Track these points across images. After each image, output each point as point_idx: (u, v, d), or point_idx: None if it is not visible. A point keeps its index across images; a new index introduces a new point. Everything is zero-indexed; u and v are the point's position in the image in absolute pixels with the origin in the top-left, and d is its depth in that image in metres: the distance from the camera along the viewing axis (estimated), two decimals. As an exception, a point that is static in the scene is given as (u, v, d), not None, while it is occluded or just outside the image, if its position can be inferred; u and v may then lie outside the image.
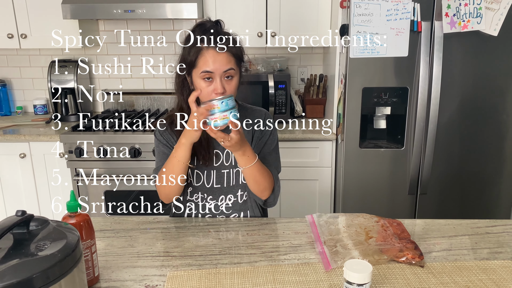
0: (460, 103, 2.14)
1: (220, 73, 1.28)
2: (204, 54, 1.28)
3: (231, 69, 1.30)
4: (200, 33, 1.30)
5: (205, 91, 1.30)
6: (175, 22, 2.90)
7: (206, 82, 1.29)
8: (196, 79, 1.31)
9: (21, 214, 0.83)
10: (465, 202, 2.28)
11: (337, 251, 1.15)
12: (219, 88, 1.28)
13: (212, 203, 1.47)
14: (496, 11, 2.00)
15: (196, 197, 1.47)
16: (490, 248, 1.22)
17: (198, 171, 1.45)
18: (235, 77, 1.32)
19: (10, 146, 2.48)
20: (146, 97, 2.97)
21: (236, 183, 1.46)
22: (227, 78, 1.30)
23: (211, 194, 1.46)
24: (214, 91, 1.28)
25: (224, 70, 1.28)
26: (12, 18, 2.58)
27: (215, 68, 1.27)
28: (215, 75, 1.28)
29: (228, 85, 1.30)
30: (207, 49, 1.28)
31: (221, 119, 1.20)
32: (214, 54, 1.27)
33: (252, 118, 1.46)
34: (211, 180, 1.45)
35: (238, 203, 1.48)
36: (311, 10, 2.54)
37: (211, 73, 1.28)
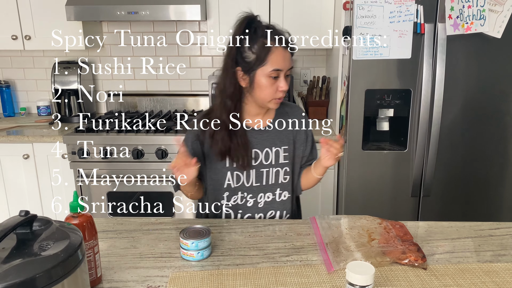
0: (463, 105, 2.14)
1: (285, 71, 1.33)
2: (274, 52, 1.30)
3: (291, 68, 1.37)
4: (262, 30, 1.32)
5: (270, 89, 1.33)
6: (178, 23, 2.91)
7: (271, 80, 1.32)
8: (261, 77, 1.32)
9: (25, 214, 0.84)
10: (468, 205, 2.27)
11: (340, 253, 1.15)
12: (285, 85, 1.33)
13: (251, 201, 1.47)
14: (500, 13, 2.00)
15: (235, 198, 1.47)
16: (493, 250, 1.21)
17: (237, 172, 1.44)
18: (289, 76, 1.38)
19: (13, 147, 2.49)
20: (149, 98, 2.98)
21: (276, 182, 1.47)
22: (286, 76, 1.35)
23: (250, 192, 1.46)
24: (280, 88, 1.33)
25: (288, 68, 1.34)
26: (16, 20, 2.59)
27: (284, 66, 1.32)
28: (281, 73, 1.33)
29: (288, 83, 1.36)
30: (277, 47, 1.31)
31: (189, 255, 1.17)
32: (283, 53, 1.32)
33: (292, 115, 1.49)
34: (250, 179, 1.45)
35: (275, 201, 1.49)
36: (314, 12, 2.54)
37: (279, 71, 1.32)
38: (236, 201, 1.47)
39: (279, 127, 1.47)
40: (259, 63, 1.30)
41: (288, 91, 2.57)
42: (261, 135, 1.44)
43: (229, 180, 1.45)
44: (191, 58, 2.98)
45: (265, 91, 1.33)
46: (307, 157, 1.53)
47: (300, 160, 1.52)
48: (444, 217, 2.26)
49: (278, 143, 1.45)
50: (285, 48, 1.32)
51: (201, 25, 2.91)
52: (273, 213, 1.49)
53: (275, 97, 1.34)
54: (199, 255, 1.16)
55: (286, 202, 1.50)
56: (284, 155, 1.46)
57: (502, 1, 1.98)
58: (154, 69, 3.00)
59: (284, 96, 1.37)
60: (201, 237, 1.16)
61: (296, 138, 1.49)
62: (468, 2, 1.99)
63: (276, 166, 1.46)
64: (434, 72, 2.08)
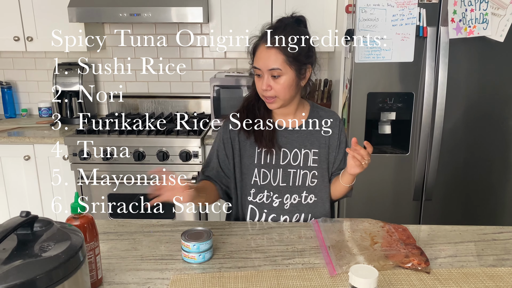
0: (465, 109, 2.13)
1: (265, 70, 1.31)
2: (257, 49, 1.32)
3: (277, 69, 1.29)
4: (266, 27, 1.34)
5: (257, 86, 1.35)
6: (180, 25, 2.91)
7: (257, 78, 1.34)
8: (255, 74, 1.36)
9: (26, 215, 0.83)
10: (470, 209, 2.26)
11: (342, 256, 1.14)
12: (263, 85, 1.31)
13: (277, 201, 1.45)
14: (503, 17, 1.99)
15: (261, 196, 1.45)
16: (497, 255, 1.20)
17: (264, 170, 1.43)
18: (283, 77, 1.31)
19: (14, 148, 2.49)
20: (150, 100, 2.98)
21: (303, 184, 1.45)
22: (274, 77, 1.31)
23: (277, 192, 1.44)
24: (261, 87, 1.32)
25: (269, 69, 1.29)
26: (18, 21, 2.60)
27: (262, 65, 1.31)
28: (262, 72, 1.32)
29: (275, 84, 1.31)
30: (260, 44, 1.31)
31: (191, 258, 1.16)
32: (262, 51, 1.30)
33: (328, 118, 1.48)
34: (277, 179, 1.44)
35: (301, 204, 1.46)
36: (316, 15, 2.54)
37: (258, 70, 1.32)
38: (262, 200, 1.45)
39: (311, 129, 1.45)
40: (252, 60, 1.36)
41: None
42: (291, 135, 1.44)
43: (256, 177, 1.43)
44: (193, 60, 2.97)
45: (256, 87, 1.36)
46: (338, 165, 1.49)
47: (330, 165, 1.48)
48: (446, 221, 2.25)
49: (308, 145, 1.44)
50: (268, 47, 1.28)
51: (203, 27, 2.91)
52: (298, 216, 1.46)
53: (262, 95, 1.35)
54: (201, 258, 1.15)
55: (312, 206, 1.46)
56: (313, 158, 1.44)
57: (505, 5, 1.98)
58: (156, 71, 2.99)
59: (273, 96, 1.32)
60: (202, 240, 1.15)
61: (329, 143, 1.46)
62: (471, 6, 1.99)
63: (304, 169, 1.44)
64: (436, 75, 2.07)
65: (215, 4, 2.54)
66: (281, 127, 1.44)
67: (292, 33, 1.31)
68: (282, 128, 1.44)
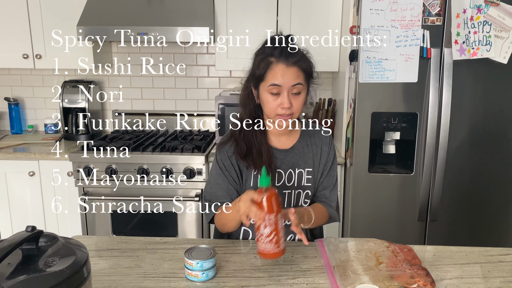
0: (470, 130, 2.14)
1: (288, 87, 1.27)
2: (273, 68, 1.27)
3: (299, 84, 1.28)
4: (270, 46, 1.30)
5: (271, 105, 1.30)
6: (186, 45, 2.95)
7: (273, 96, 1.29)
8: (263, 93, 1.31)
9: (31, 230, 0.83)
10: (475, 230, 2.24)
11: (347, 276, 1.13)
12: (286, 102, 1.27)
13: None
14: (506, 39, 2.01)
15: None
16: (503, 277, 1.19)
17: None
18: (302, 93, 1.31)
19: (20, 164, 2.50)
20: (156, 118, 3.00)
21: (296, 204, 1.43)
22: (294, 94, 1.29)
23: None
24: (281, 105, 1.28)
25: (292, 85, 1.27)
26: (28, 39, 2.64)
27: (283, 82, 1.27)
28: (282, 89, 1.28)
29: (295, 101, 1.30)
30: (277, 62, 1.27)
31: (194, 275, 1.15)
32: (283, 68, 1.27)
33: (316, 137, 1.46)
34: None
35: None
36: (321, 36, 2.57)
37: (279, 87, 1.27)
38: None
39: (303, 148, 1.43)
40: (260, 79, 1.30)
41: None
42: (285, 156, 1.42)
43: None
44: (199, 79, 3.01)
45: (267, 106, 1.31)
46: (321, 183, 1.46)
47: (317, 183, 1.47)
48: (451, 242, 2.20)
49: (302, 165, 1.42)
50: (288, 64, 1.27)
51: (209, 47, 2.95)
52: (292, 236, 1.45)
53: (277, 113, 1.30)
54: (204, 276, 1.14)
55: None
56: (307, 178, 1.43)
57: (508, 27, 2.00)
58: (162, 89, 3.02)
59: (290, 114, 1.31)
60: (206, 258, 1.14)
61: (320, 160, 1.45)
62: (474, 28, 2.01)
63: (298, 188, 1.42)
64: (440, 96, 2.08)
65: (221, 24, 2.58)
66: (276, 148, 1.42)
67: (302, 50, 1.33)
68: (276, 148, 1.42)
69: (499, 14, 1.99)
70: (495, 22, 2.00)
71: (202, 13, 2.51)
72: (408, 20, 2.02)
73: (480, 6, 1.99)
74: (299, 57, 1.29)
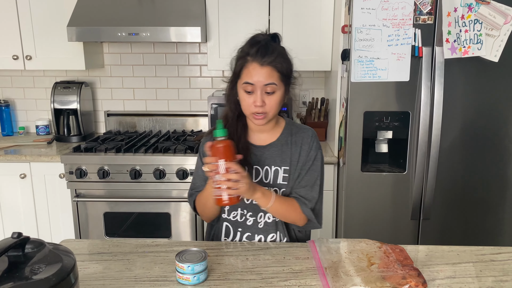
0: (462, 128, 2.14)
1: (261, 86, 1.30)
2: (248, 66, 1.30)
3: (273, 84, 1.30)
4: (249, 45, 1.33)
5: (245, 102, 1.33)
6: (178, 45, 2.94)
7: (247, 94, 1.32)
8: (239, 90, 1.35)
9: (17, 236, 0.82)
10: (468, 228, 2.25)
11: (339, 278, 1.13)
12: (258, 101, 1.30)
13: (251, 219, 1.44)
14: (497, 38, 2.02)
15: (235, 214, 1.45)
16: (495, 276, 1.19)
17: None
18: (277, 93, 1.32)
19: (10, 167, 2.47)
20: (148, 118, 2.98)
21: None
22: (268, 93, 1.31)
23: (250, 210, 1.43)
24: (254, 103, 1.31)
25: (265, 84, 1.29)
26: (18, 40, 2.62)
27: (256, 80, 1.29)
28: (255, 88, 1.30)
29: (268, 100, 1.31)
30: (252, 61, 1.30)
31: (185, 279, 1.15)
32: (256, 67, 1.29)
33: (297, 135, 1.44)
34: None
35: (276, 223, 1.44)
36: (313, 35, 2.57)
37: (252, 85, 1.30)
38: (236, 217, 1.45)
39: (282, 146, 1.43)
40: (237, 76, 1.34)
41: (287, 113, 2.60)
42: (262, 153, 1.42)
43: None
44: (191, 79, 2.99)
45: (242, 104, 1.34)
46: (299, 182, 1.43)
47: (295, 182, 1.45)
48: (444, 240, 2.23)
49: (279, 162, 1.41)
50: (262, 63, 1.28)
51: (201, 47, 2.94)
52: (274, 236, 1.45)
53: (251, 111, 1.32)
54: (195, 279, 1.13)
55: (286, 225, 1.46)
56: (283, 176, 1.42)
57: (499, 26, 2.01)
58: (154, 89, 3.01)
59: (264, 112, 1.31)
60: (197, 261, 1.14)
61: (299, 159, 1.42)
62: (465, 27, 2.01)
63: (274, 186, 1.42)
64: (432, 94, 2.09)
65: (213, 24, 2.57)
66: (254, 144, 1.43)
67: (281, 51, 1.34)
68: (254, 144, 1.43)
69: (490, 12, 1.99)
70: (486, 21, 2.00)
71: (194, 13, 2.50)
72: (399, 19, 2.02)
73: (471, 4, 1.99)
74: (274, 57, 1.29)
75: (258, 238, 1.45)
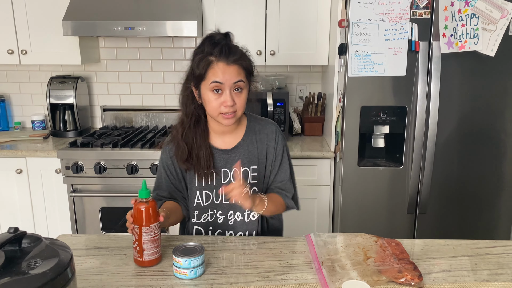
0: (458, 123, 2.15)
1: (229, 84, 1.28)
2: (214, 66, 1.28)
3: (241, 81, 1.30)
4: (209, 45, 1.30)
5: (213, 104, 1.30)
6: (175, 39, 2.92)
7: (215, 94, 1.29)
8: (205, 92, 1.31)
9: (13, 231, 0.82)
10: (464, 222, 2.26)
11: (335, 272, 1.13)
12: (228, 100, 1.28)
13: (221, 217, 1.46)
14: (493, 32, 2.02)
15: (205, 216, 1.46)
16: (490, 269, 1.20)
17: (206, 191, 1.43)
18: (244, 90, 1.33)
19: (6, 162, 2.46)
20: (145, 113, 2.97)
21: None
22: (237, 90, 1.30)
23: (220, 209, 1.45)
24: (223, 104, 1.29)
25: (234, 82, 1.28)
26: (13, 34, 2.60)
27: (224, 79, 1.27)
28: (224, 87, 1.28)
29: (237, 98, 1.31)
30: (217, 61, 1.28)
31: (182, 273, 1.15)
32: (223, 66, 1.27)
33: (261, 133, 1.45)
34: (219, 197, 1.44)
35: (245, 222, 1.46)
36: (310, 29, 2.57)
37: (220, 84, 1.28)
38: (207, 219, 1.46)
39: (248, 146, 1.43)
40: (201, 78, 1.30)
41: (284, 108, 2.60)
42: (229, 156, 1.42)
43: (198, 199, 1.44)
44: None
45: (209, 105, 1.31)
46: (274, 177, 1.47)
47: (268, 179, 1.47)
48: (440, 234, 2.24)
49: (247, 163, 1.42)
50: (228, 62, 1.27)
51: (198, 41, 2.93)
52: (241, 234, 1.47)
53: (220, 111, 1.30)
54: (192, 273, 1.14)
55: (255, 223, 1.47)
56: (252, 175, 1.43)
57: (495, 20, 2.01)
58: (150, 84, 3.00)
59: (234, 111, 1.31)
60: (194, 255, 1.14)
61: (266, 157, 1.45)
62: (462, 21, 2.01)
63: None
64: (429, 89, 2.09)
65: (210, 18, 2.56)
66: (219, 149, 1.42)
67: (241, 49, 1.34)
68: (220, 149, 1.42)
69: (486, 6, 1.99)
70: (483, 15, 2.00)
71: (190, 7, 2.48)
72: (396, 13, 2.02)
73: (468, -1, 1.99)
74: (238, 55, 1.30)
75: (229, 233, 1.47)
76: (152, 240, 1.18)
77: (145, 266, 1.19)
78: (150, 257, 1.19)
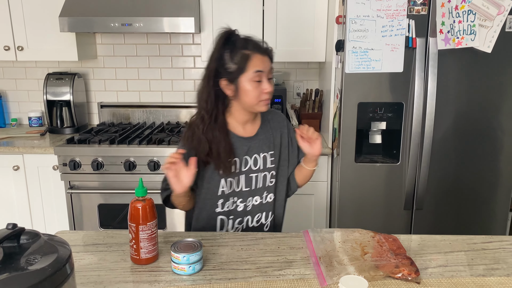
0: (455, 119, 2.16)
1: (267, 73, 1.41)
2: (253, 58, 1.38)
3: (273, 69, 1.44)
4: (241, 41, 1.40)
5: (254, 93, 1.39)
6: (172, 36, 2.92)
7: (255, 83, 1.38)
8: (245, 84, 1.38)
9: (12, 227, 0.82)
10: (460, 218, 2.28)
11: (333, 267, 1.14)
12: (269, 86, 1.40)
13: (241, 205, 1.51)
14: (490, 29, 2.03)
15: (228, 204, 1.50)
16: (486, 264, 1.21)
17: (230, 178, 1.47)
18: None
19: (3, 158, 2.46)
20: (142, 110, 2.97)
21: (263, 185, 1.53)
22: (270, 79, 1.42)
23: (241, 197, 1.51)
24: (264, 90, 1.40)
25: (270, 70, 1.42)
26: (9, 30, 2.59)
27: (264, 68, 1.39)
28: (263, 75, 1.39)
29: (271, 85, 1.43)
30: (255, 53, 1.38)
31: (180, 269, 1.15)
32: (261, 57, 1.40)
33: (274, 121, 1.58)
34: (240, 185, 1.50)
35: (262, 204, 1.54)
36: (307, 26, 2.57)
37: (261, 73, 1.38)
38: (229, 208, 1.51)
39: (265, 133, 1.54)
40: (240, 71, 1.38)
41: (282, 104, 2.60)
42: (250, 142, 1.50)
43: (223, 187, 1.48)
44: (185, 70, 2.98)
45: (250, 95, 1.39)
46: (297, 159, 1.61)
47: (286, 163, 1.58)
48: (437, 230, 2.26)
49: (266, 149, 1.52)
50: (263, 53, 1.40)
51: (195, 37, 2.92)
52: (259, 215, 1.54)
53: (261, 99, 1.41)
54: (191, 269, 1.14)
55: (271, 204, 1.56)
56: (271, 160, 1.53)
57: (492, 16, 2.01)
58: (147, 81, 2.99)
59: (270, 98, 1.44)
60: (192, 251, 1.14)
61: (281, 143, 1.56)
62: (459, 18, 2.02)
63: (264, 171, 1.52)
64: (426, 85, 2.09)
65: (207, 14, 2.56)
66: (241, 137, 1.49)
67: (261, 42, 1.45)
68: (242, 137, 1.49)
69: (483, 3, 2.00)
70: (479, 11, 2.01)
71: (187, 3, 2.48)
72: (393, 9, 2.02)
73: (465, -5, 1.99)
74: (265, 47, 1.43)
75: (246, 219, 1.53)
76: (149, 238, 1.19)
77: (142, 264, 1.20)
78: (147, 255, 1.19)
